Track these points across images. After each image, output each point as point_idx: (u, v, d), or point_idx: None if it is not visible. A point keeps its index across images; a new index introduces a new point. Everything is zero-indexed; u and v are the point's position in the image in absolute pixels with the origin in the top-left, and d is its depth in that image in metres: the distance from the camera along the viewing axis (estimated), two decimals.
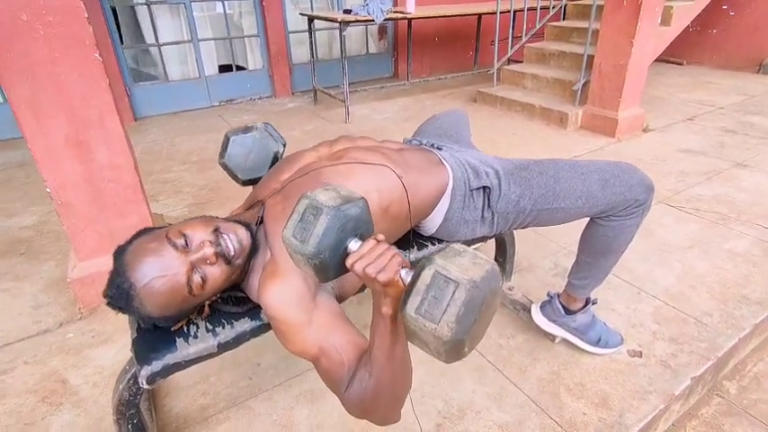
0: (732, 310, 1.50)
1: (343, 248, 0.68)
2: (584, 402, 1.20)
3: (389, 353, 0.71)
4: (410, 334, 0.60)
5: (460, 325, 0.54)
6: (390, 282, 0.64)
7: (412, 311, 0.57)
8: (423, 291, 0.57)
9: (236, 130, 1.15)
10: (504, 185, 1.04)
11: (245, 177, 1.15)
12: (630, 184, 1.02)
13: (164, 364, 0.81)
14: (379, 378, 0.72)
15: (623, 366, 1.30)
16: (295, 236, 0.66)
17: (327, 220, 0.64)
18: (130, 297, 0.77)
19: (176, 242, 0.78)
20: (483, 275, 0.56)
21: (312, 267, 0.67)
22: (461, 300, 0.55)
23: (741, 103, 3.68)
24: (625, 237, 1.09)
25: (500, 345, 1.39)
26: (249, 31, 4.09)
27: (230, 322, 0.89)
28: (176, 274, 0.77)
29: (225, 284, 0.84)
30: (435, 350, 0.58)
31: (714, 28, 4.82)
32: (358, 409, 0.77)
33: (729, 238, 1.89)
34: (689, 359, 1.32)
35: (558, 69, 3.64)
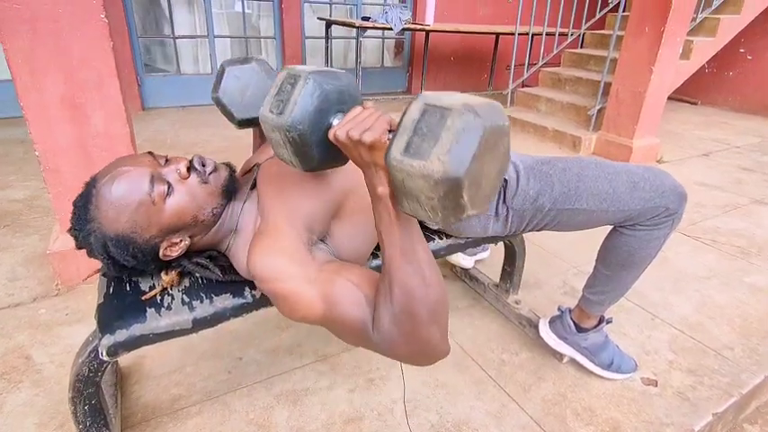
0: (756, 345, 1.39)
1: (326, 124, 0.60)
2: (592, 429, 1.08)
3: (404, 245, 0.59)
4: (398, 190, 0.50)
5: (454, 157, 0.44)
6: (377, 142, 0.53)
7: (397, 154, 0.47)
8: (410, 128, 0.47)
9: (233, 60, 0.99)
10: (523, 180, 0.95)
11: (241, 115, 0.98)
12: (662, 191, 0.93)
13: (129, 334, 0.71)
14: (402, 283, 0.58)
15: (637, 395, 1.18)
16: (271, 110, 0.59)
17: (306, 85, 0.57)
18: (88, 199, 0.71)
19: (157, 157, 0.75)
20: (482, 103, 0.47)
21: (292, 145, 0.58)
22: (456, 127, 0.44)
23: (757, 144, 3.62)
24: (651, 249, 0.99)
25: (503, 360, 1.28)
26: (266, 32, 4.10)
27: (209, 296, 0.79)
28: (142, 173, 0.71)
29: (192, 216, 0.75)
30: (428, 204, 0.48)
31: (731, 70, 4.81)
32: (393, 341, 0.60)
33: (750, 272, 1.79)
34: (709, 393, 1.20)
35: (573, 95, 3.61)
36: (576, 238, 1.59)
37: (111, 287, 0.80)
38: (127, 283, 0.82)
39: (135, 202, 0.71)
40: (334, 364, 1.23)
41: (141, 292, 0.79)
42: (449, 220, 0.49)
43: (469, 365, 1.25)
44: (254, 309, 0.81)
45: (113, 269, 0.76)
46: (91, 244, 0.73)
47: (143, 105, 3.65)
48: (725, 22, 3.34)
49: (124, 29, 3.36)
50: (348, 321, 0.64)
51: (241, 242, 0.80)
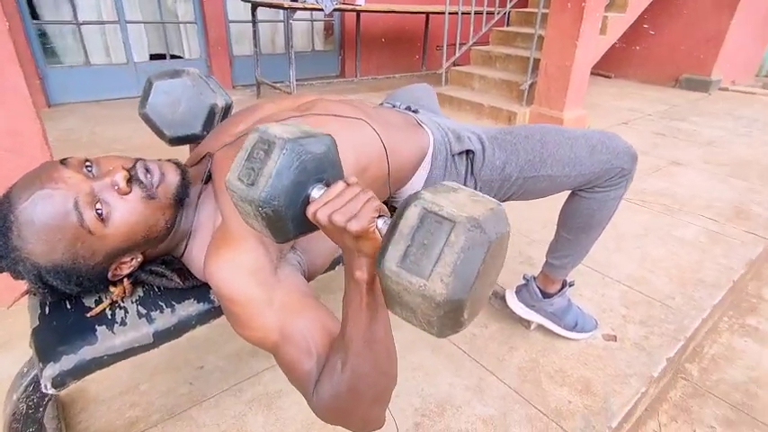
0: (692, 293, 1.52)
1: (303, 197, 0.53)
2: (567, 390, 1.12)
3: (367, 332, 0.56)
4: (391, 298, 0.45)
5: (458, 279, 0.40)
6: (364, 232, 0.49)
7: (393, 265, 0.42)
8: (407, 235, 0.42)
9: (162, 74, 0.93)
10: (489, 151, 0.94)
11: (172, 134, 0.92)
12: (617, 152, 0.96)
13: (78, 359, 0.61)
14: (355, 367, 0.56)
15: (600, 351, 1.25)
16: (241, 178, 0.51)
17: (282, 155, 0.50)
18: (7, 227, 0.58)
19: (83, 166, 0.62)
20: (486, 214, 0.42)
21: (264, 219, 0.51)
22: (459, 245, 0.40)
23: (666, 111, 3.97)
24: (608, 210, 1.04)
25: (474, 334, 1.29)
26: (185, 17, 3.78)
27: (170, 304, 0.70)
28: (65, 196, 0.59)
29: (143, 235, 0.65)
30: (425, 318, 0.44)
31: (637, 45, 5.21)
32: (330, 412, 0.59)
33: (677, 226, 1.96)
34: (660, 341, 1.30)
35: (504, 71, 3.72)
36: (523, 209, 1.64)
37: (47, 306, 0.68)
38: (66, 300, 0.70)
39: (68, 235, 0.59)
40: None
41: (85, 309, 0.68)
42: (444, 333, 0.45)
43: (443, 344, 1.25)
44: (220, 314, 0.73)
45: (51, 296, 0.64)
46: (18, 271, 0.61)
47: (48, 102, 3.24)
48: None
49: (15, 13, 2.94)
50: (295, 368, 0.60)
51: (198, 243, 0.71)
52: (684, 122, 3.64)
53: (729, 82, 5.14)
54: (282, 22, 4.21)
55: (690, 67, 4.89)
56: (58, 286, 0.63)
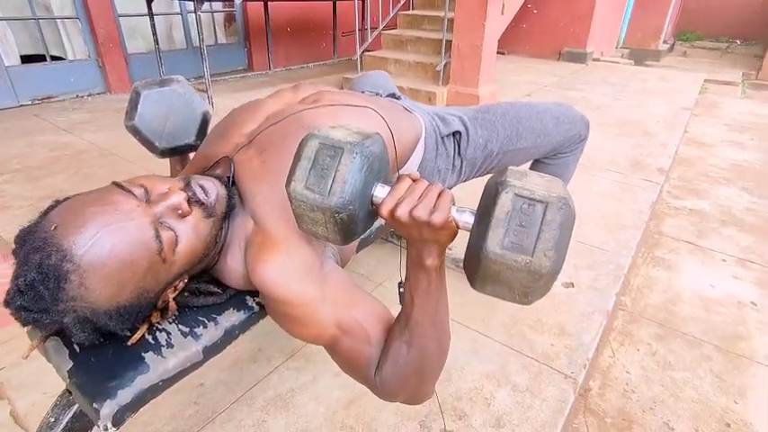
0: (619, 236, 1.78)
1: (368, 197, 0.55)
2: (547, 335, 1.27)
3: (434, 315, 0.59)
4: (486, 278, 0.49)
5: (558, 252, 0.46)
6: (447, 224, 0.51)
7: (497, 248, 0.46)
8: (503, 220, 0.46)
9: (149, 84, 0.88)
10: (472, 130, 1.02)
11: (164, 145, 0.89)
12: (576, 120, 1.10)
13: (135, 391, 0.57)
14: (423, 348, 0.60)
15: (564, 297, 1.42)
16: (310, 187, 0.51)
17: (353, 159, 0.50)
18: (63, 278, 0.50)
19: (132, 190, 0.57)
20: (567, 192, 0.48)
21: (337, 225, 0.52)
22: (556, 222, 0.45)
23: (558, 82, 4.43)
24: (570, 172, 1.18)
25: (458, 302, 1.39)
26: (62, 11, 3.32)
27: (211, 318, 0.68)
28: (141, 224, 0.54)
29: (201, 255, 0.63)
30: (522, 291, 0.49)
31: (524, 23, 5.70)
32: (396, 391, 0.63)
33: (594, 182, 2.25)
34: (607, 280, 1.52)
35: (416, 54, 3.85)
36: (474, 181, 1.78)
37: (74, 344, 0.62)
38: None
39: (143, 268, 0.55)
40: (308, 356, 1.18)
41: (120, 338, 0.63)
42: (534, 300, 0.51)
43: None
44: (260, 318, 0.73)
45: (92, 339, 0.58)
46: (63, 324, 0.54)
47: None
48: None
49: None
50: (355, 356, 0.63)
51: (231, 254, 0.69)
52: (574, 91, 4.10)
53: (599, 53, 5.87)
54: (179, 14, 3.90)
55: (569, 42, 5.49)
56: (111, 329, 0.57)
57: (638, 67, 5.56)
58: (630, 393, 1.19)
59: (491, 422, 1.02)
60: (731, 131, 3.42)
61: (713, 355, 1.34)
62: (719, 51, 7.99)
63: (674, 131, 3.08)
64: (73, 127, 2.82)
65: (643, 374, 1.26)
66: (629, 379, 1.24)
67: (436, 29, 3.86)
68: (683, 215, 2.15)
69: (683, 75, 5.08)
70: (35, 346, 0.62)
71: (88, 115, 3.07)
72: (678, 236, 1.96)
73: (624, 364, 1.30)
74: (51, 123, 2.88)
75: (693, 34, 9.13)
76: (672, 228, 2.02)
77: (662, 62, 6.74)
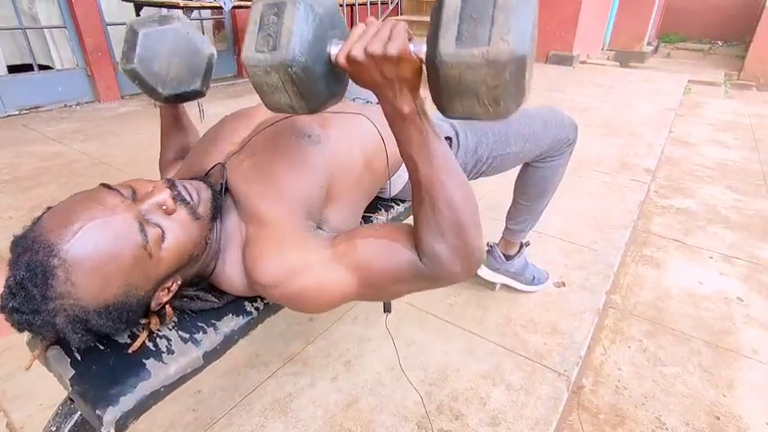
0: (608, 235, 1.81)
1: (326, 55, 0.52)
2: (540, 335, 1.29)
3: (441, 160, 0.56)
4: (450, 91, 0.46)
5: (516, 33, 0.41)
6: (404, 53, 0.48)
7: (450, 48, 0.43)
8: (453, 17, 0.43)
9: (147, 21, 0.79)
10: (462, 136, 1.04)
11: (169, 91, 0.82)
12: (564, 124, 1.13)
13: (138, 397, 0.58)
14: (447, 200, 0.56)
15: (556, 297, 1.45)
16: (260, 48, 0.49)
17: (297, 10, 0.49)
18: (50, 273, 0.51)
19: (119, 189, 0.58)
20: None
21: (294, 84, 0.50)
22: (510, 3, 0.41)
23: (545, 85, 4.50)
24: (559, 175, 1.21)
25: (451, 304, 1.41)
26: (49, 21, 3.31)
27: (211, 324, 0.69)
28: (125, 220, 0.55)
29: (191, 255, 0.63)
30: (490, 95, 0.45)
31: None
32: (452, 262, 0.58)
33: (581, 183, 2.29)
34: (597, 279, 1.54)
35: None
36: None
37: (75, 352, 0.62)
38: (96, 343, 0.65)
39: (128, 262, 0.55)
40: (305, 360, 1.19)
41: (123, 346, 0.63)
42: (510, 107, 0.47)
43: (427, 318, 1.35)
44: (258, 323, 0.74)
45: (89, 342, 0.59)
46: (55, 325, 0.55)
47: None
48: None
49: None
50: (392, 271, 0.60)
51: (227, 259, 0.70)
52: (562, 93, 4.17)
53: (585, 56, 5.97)
54: None
55: (555, 45, 5.57)
56: (103, 329, 0.58)
57: (624, 69, 5.66)
58: (622, 390, 1.21)
59: (487, 421, 1.04)
60: (715, 131, 3.49)
61: (702, 349, 1.37)
62: (702, 53, 8.15)
63: (660, 132, 3.14)
64: (62, 136, 2.80)
65: (634, 371, 1.28)
66: (620, 375, 1.27)
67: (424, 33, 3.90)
68: (670, 214, 2.19)
69: (667, 76, 5.17)
70: (36, 357, 0.62)
71: (77, 124, 3.05)
72: (666, 234, 2.00)
73: (616, 360, 1.32)
74: (40, 133, 2.86)
75: (676, 36, 9.31)
76: (659, 226, 2.06)
77: (646, 64, 6.86)
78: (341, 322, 1.32)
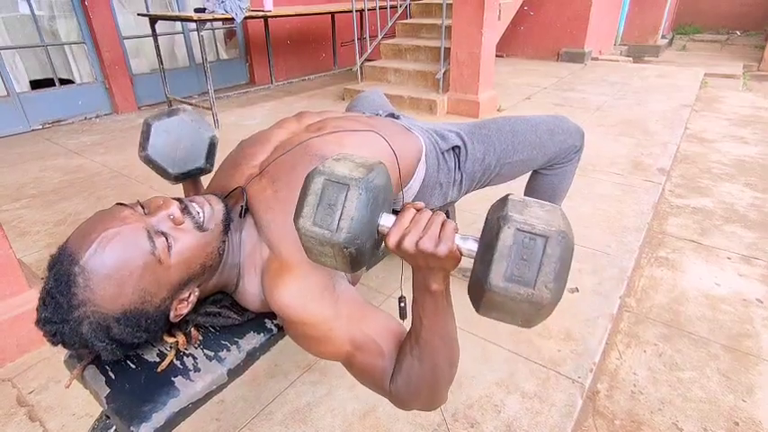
0: (621, 238, 1.80)
1: (375, 227, 0.56)
2: (554, 341, 1.30)
3: (443, 333, 0.63)
4: (490, 307, 0.51)
5: (558, 283, 0.48)
6: (451, 253, 0.54)
7: (500, 281, 0.48)
8: (506, 254, 0.48)
9: (158, 115, 0.93)
10: (470, 145, 1.06)
11: (177, 171, 0.94)
12: (570, 132, 1.14)
13: (168, 413, 0.62)
14: (433, 363, 0.64)
15: (569, 303, 1.45)
16: (318, 224, 0.53)
17: (358, 195, 0.52)
18: (72, 281, 0.57)
19: (132, 206, 0.64)
20: (565, 223, 0.50)
21: (346, 258, 0.54)
22: (556, 255, 0.47)
23: (557, 84, 4.46)
24: (568, 181, 1.22)
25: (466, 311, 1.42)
26: (69, 36, 3.41)
27: (234, 342, 0.72)
28: (135, 229, 0.61)
29: (202, 264, 0.67)
30: (524, 318, 0.51)
31: (521, 26, 5.74)
32: (409, 401, 0.67)
33: (594, 185, 2.28)
34: (610, 284, 1.54)
35: (415, 62, 3.91)
36: None
37: (110, 372, 0.67)
38: (127, 361, 0.69)
39: (139, 267, 0.60)
40: (322, 370, 1.22)
41: (153, 365, 0.67)
42: (535, 324, 0.53)
43: None
44: (279, 339, 0.77)
45: (116, 353, 0.63)
46: (82, 334, 0.59)
47: None
48: None
49: None
50: (369, 370, 0.68)
51: (248, 280, 0.73)
52: (573, 92, 4.13)
53: (598, 52, 5.89)
54: (181, 33, 3.99)
55: (566, 42, 5.51)
56: (124, 337, 0.62)
57: (637, 65, 5.58)
58: (638, 395, 1.22)
59: (502, 429, 1.05)
60: (733, 126, 3.43)
61: (720, 353, 1.36)
62: (719, 44, 7.98)
63: (675, 129, 3.10)
64: (83, 149, 2.89)
65: (650, 375, 1.28)
66: (636, 380, 1.27)
67: (434, 36, 3.91)
68: (686, 213, 2.17)
69: (682, 70, 5.09)
70: (75, 376, 0.66)
71: (97, 137, 3.15)
72: (682, 235, 1.98)
73: (631, 365, 1.33)
74: (62, 147, 2.96)
75: (692, 27, 9.13)
76: (675, 227, 2.04)
77: (661, 57, 6.75)
78: None
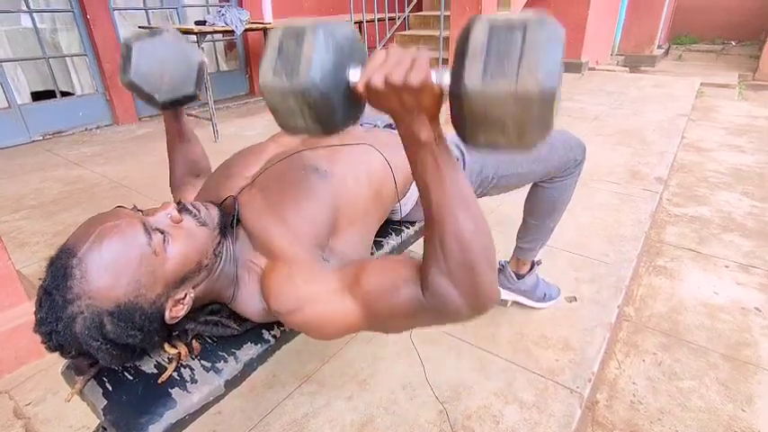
0: (619, 247, 1.81)
1: (344, 81, 0.52)
2: (551, 351, 1.30)
3: (456, 191, 0.55)
4: (475, 124, 0.45)
5: (545, 68, 0.41)
6: (425, 83, 0.47)
7: (476, 81, 0.42)
8: (480, 52, 0.43)
9: (139, 35, 0.83)
10: (467, 157, 1.07)
11: (165, 98, 0.85)
12: (570, 145, 1.15)
13: (165, 425, 0.62)
14: (458, 234, 0.54)
15: (567, 312, 1.46)
16: (278, 74, 0.49)
17: (315, 37, 0.49)
18: (69, 274, 0.57)
19: (130, 209, 0.66)
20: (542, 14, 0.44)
21: (311, 109, 0.50)
22: (539, 41, 0.41)
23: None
24: (568, 194, 1.23)
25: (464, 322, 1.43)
26: (70, 49, 3.45)
27: (231, 353, 0.72)
28: (132, 223, 0.62)
29: (197, 261, 0.67)
30: (517, 127, 0.44)
31: None
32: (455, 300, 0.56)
33: (593, 194, 2.29)
34: (608, 293, 1.55)
35: None
36: None
37: (107, 383, 0.67)
38: (124, 372, 0.69)
39: (136, 258, 0.60)
40: (320, 381, 1.22)
41: (151, 376, 0.68)
42: (535, 140, 0.46)
43: (439, 336, 1.37)
44: (276, 350, 0.77)
45: (113, 356, 0.63)
46: (76, 333, 0.59)
47: None
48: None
49: None
50: (395, 306, 0.61)
51: (245, 288, 0.74)
52: (571, 101, 4.17)
53: (595, 62, 5.95)
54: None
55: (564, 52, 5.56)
56: (119, 335, 0.61)
57: (634, 74, 5.63)
58: (638, 404, 1.21)
59: None
60: (729, 135, 3.45)
61: (719, 362, 1.36)
62: (715, 53, 8.05)
63: (672, 138, 3.12)
64: (83, 160, 2.91)
65: (649, 385, 1.28)
66: (635, 390, 1.27)
67: (433, 48, 3.94)
68: (683, 222, 2.18)
69: (678, 80, 5.13)
70: (77, 391, 0.66)
71: (97, 147, 3.16)
72: (680, 243, 1.99)
73: (630, 375, 1.32)
74: (63, 158, 2.97)
75: (688, 37, 9.22)
76: (673, 235, 2.05)
77: (658, 67, 6.81)
78: (354, 342, 1.35)
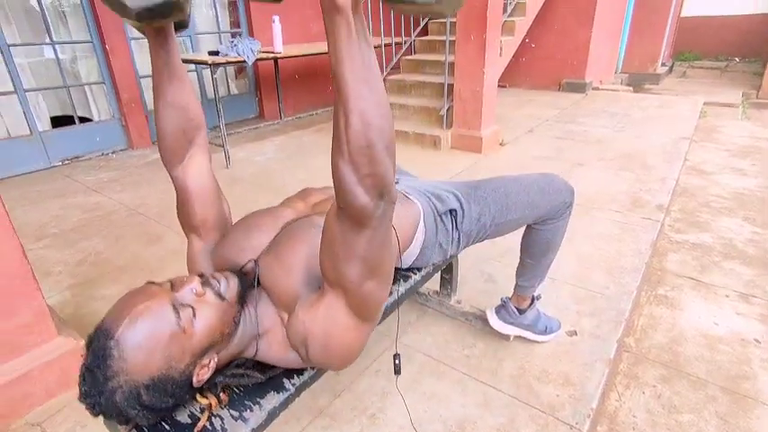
0: (619, 279, 1.86)
1: None
2: (552, 386, 1.36)
3: (363, 66, 0.55)
4: None
5: None
6: None
7: None
8: None
9: None
10: (466, 206, 1.15)
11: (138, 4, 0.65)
12: (560, 190, 1.22)
13: None
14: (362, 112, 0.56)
15: (568, 347, 1.51)
16: None
17: None
18: (108, 354, 0.64)
19: (161, 283, 0.74)
20: None
21: None
22: None
23: (558, 116, 4.58)
24: (560, 235, 1.30)
25: (467, 356, 1.49)
26: (89, 77, 3.60)
27: (256, 402, 0.79)
28: (162, 303, 0.69)
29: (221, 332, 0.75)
30: None
31: (523, 57, 5.91)
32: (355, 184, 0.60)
33: (594, 223, 2.35)
34: (609, 326, 1.60)
35: (420, 98, 4.04)
36: None
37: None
38: (161, 422, 0.76)
39: (166, 337, 0.68)
40: (333, 415, 1.28)
41: (185, 426, 0.75)
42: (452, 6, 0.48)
43: (444, 370, 1.43)
44: (296, 396, 0.84)
45: (149, 419, 0.71)
46: (116, 403, 0.67)
47: None
48: (518, 23, 4.14)
49: None
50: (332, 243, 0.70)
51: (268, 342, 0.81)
52: (574, 124, 4.24)
53: (598, 81, 6.03)
54: (194, 70, 4.17)
55: (568, 73, 5.66)
56: (154, 403, 0.69)
57: (638, 95, 5.70)
58: None
59: None
60: (732, 157, 3.50)
61: (718, 395, 1.40)
62: (719, 70, 8.12)
63: (674, 163, 3.18)
64: (101, 186, 3.02)
65: (649, 418, 1.33)
66: (635, 423, 1.31)
67: (438, 72, 4.05)
68: (685, 249, 2.22)
69: (682, 99, 5.19)
70: None
71: (114, 173, 3.28)
72: (681, 272, 2.03)
73: (630, 407, 1.37)
74: (81, 183, 3.09)
75: (691, 54, 9.30)
76: (674, 263, 2.10)
77: (661, 85, 6.89)
78: (365, 375, 1.41)
